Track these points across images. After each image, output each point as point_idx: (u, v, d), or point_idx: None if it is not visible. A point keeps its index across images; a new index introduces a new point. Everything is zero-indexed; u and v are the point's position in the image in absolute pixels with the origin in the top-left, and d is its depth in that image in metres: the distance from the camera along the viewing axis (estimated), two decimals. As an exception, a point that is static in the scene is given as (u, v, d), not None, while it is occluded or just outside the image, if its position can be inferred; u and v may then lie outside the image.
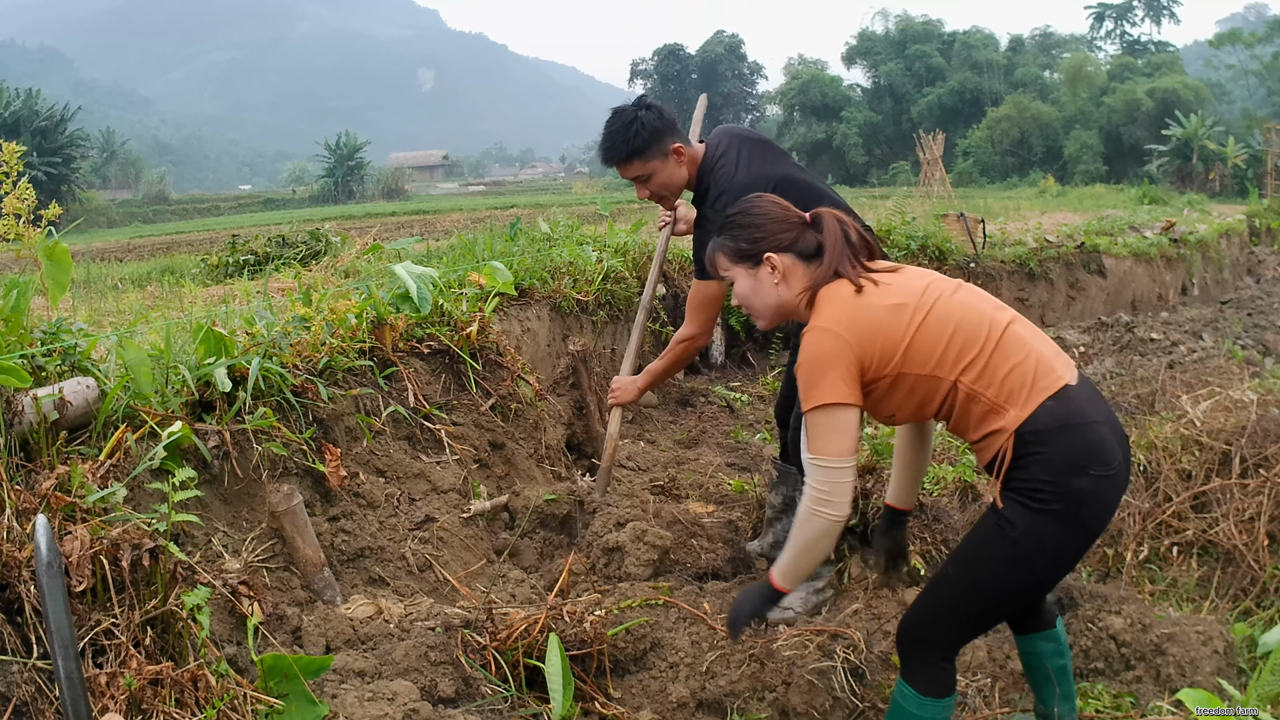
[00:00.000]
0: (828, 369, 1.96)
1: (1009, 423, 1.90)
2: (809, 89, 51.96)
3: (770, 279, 2.11)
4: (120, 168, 65.23)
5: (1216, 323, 8.68)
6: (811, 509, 1.99)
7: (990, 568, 1.95)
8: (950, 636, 2.04)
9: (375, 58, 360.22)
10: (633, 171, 3.01)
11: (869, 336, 1.96)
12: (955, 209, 11.01)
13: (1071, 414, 1.89)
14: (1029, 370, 1.93)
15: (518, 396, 3.93)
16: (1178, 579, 3.17)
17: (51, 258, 2.76)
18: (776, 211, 2.13)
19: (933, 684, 2.02)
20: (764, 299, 2.14)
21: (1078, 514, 1.87)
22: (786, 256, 2.10)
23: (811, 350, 1.98)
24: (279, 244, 8.56)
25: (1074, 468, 1.86)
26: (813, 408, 1.97)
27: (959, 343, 1.95)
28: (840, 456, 1.97)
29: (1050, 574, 1.98)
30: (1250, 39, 47.10)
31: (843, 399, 1.95)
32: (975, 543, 2.00)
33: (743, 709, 2.45)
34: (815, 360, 1.97)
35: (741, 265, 2.14)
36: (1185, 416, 3.67)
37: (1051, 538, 1.89)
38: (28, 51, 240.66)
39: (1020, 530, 1.89)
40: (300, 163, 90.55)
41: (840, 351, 1.96)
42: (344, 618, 2.50)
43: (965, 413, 1.97)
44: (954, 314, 1.98)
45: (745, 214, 2.15)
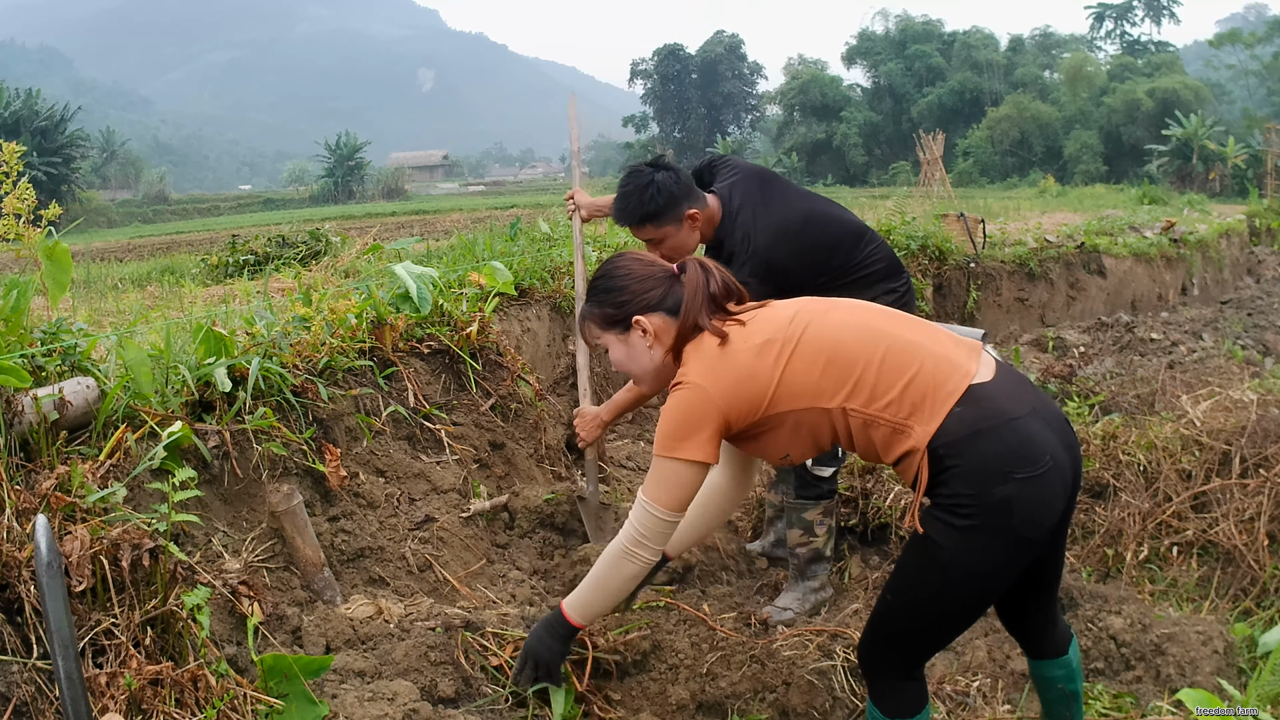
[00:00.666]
0: (689, 426, 1.88)
1: (918, 440, 1.77)
2: (809, 89, 51.96)
3: (643, 342, 2.02)
4: (120, 168, 65.25)
5: (1216, 323, 8.68)
6: (628, 549, 1.97)
7: (927, 592, 1.85)
8: (904, 658, 1.95)
9: (375, 58, 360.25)
10: (645, 234, 2.95)
11: (734, 389, 1.86)
12: (955, 209, 11.01)
13: (983, 415, 1.76)
14: (927, 379, 1.80)
15: (518, 396, 3.93)
16: (1178, 579, 3.17)
17: (51, 258, 2.76)
18: (639, 270, 2.04)
19: (900, 705, 1.95)
20: (640, 364, 2.06)
21: (1009, 523, 1.74)
22: (655, 316, 2.00)
23: (677, 406, 1.90)
24: (279, 244, 8.56)
25: (995, 475, 1.73)
26: (665, 456, 1.91)
27: (836, 368, 1.84)
28: (672, 510, 1.93)
29: (994, 585, 1.86)
30: (1250, 39, 47.09)
31: (697, 457, 1.89)
32: (908, 569, 1.90)
33: (743, 710, 2.44)
34: (679, 417, 1.89)
35: (611, 331, 2.06)
36: (1185, 416, 3.67)
37: (985, 552, 1.77)
38: (28, 51, 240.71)
39: (950, 552, 1.77)
40: (300, 163, 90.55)
41: (705, 410, 1.87)
42: (344, 618, 2.50)
43: (867, 439, 1.86)
44: (827, 337, 1.87)
45: (608, 276, 2.05)
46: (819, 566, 3.16)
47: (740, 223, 2.91)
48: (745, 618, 3.02)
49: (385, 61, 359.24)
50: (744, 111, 67.99)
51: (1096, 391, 5.13)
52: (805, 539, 3.13)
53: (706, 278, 2.00)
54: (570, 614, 2.09)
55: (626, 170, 3.01)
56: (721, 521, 2.36)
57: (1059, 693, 2.16)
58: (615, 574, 2.01)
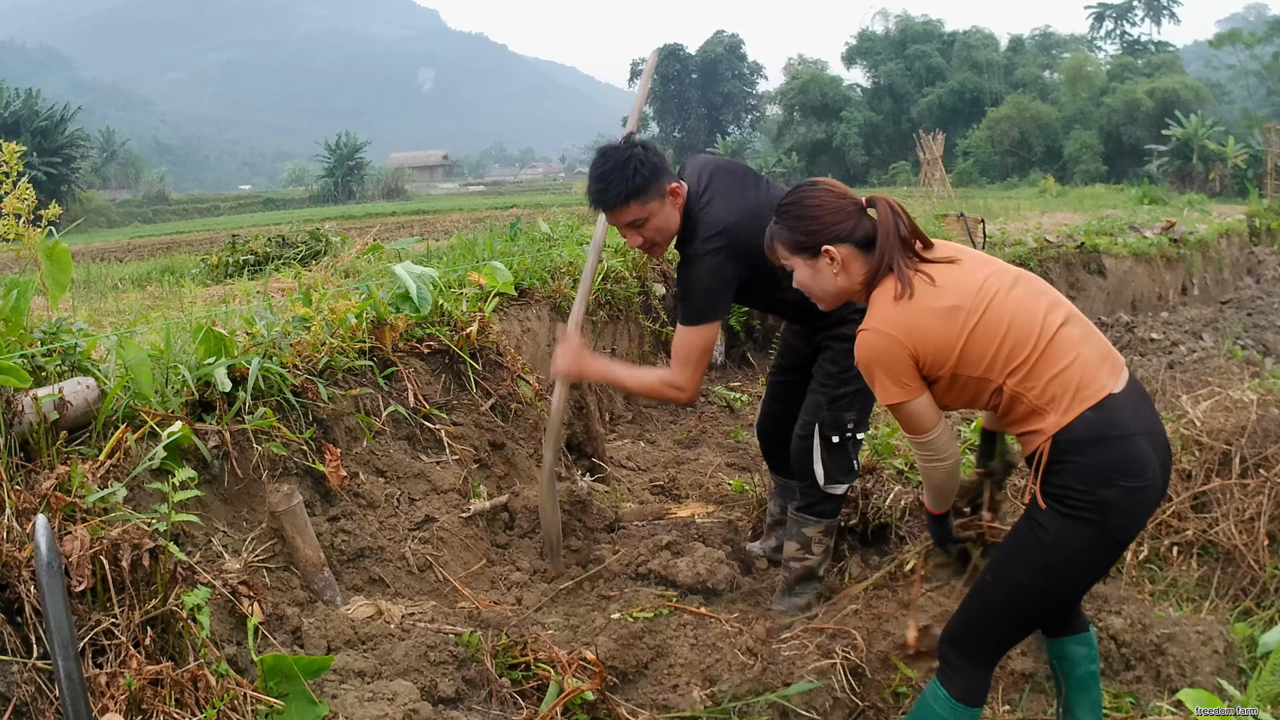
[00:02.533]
0: (885, 373, 2.02)
1: (1048, 427, 1.93)
2: (809, 89, 51.98)
3: (830, 269, 2.12)
4: (120, 168, 65.30)
5: (1216, 323, 8.68)
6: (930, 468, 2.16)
7: (1024, 572, 1.99)
8: (987, 643, 2.08)
9: (375, 58, 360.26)
10: (629, 215, 2.75)
11: (921, 342, 1.99)
12: (955, 209, 11.01)
13: (1109, 425, 1.91)
14: (1073, 377, 1.94)
15: (518, 396, 3.93)
16: (1178, 579, 3.17)
17: (51, 258, 2.76)
18: (831, 201, 2.12)
19: (968, 691, 2.06)
20: (824, 287, 2.16)
21: (1106, 523, 1.90)
22: (844, 247, 2.09)
23: (868, 353, 2.04)
24: (279, 244, 8.55)
25: (1104, 479, 1.89)
26: (895, 405, 2.07)
27: (1009, 346, 1.97)
28: (929, 432, 2.07)
29: (1080, 580, 2.05)
30: (1250, 39, 47.10)
31: (907, 396, 2.03)
32: (1010, 549, 2.04)
33: (744, 711, 2.45)
34: (873, 363, 2.04)
35: (800, 256, 2.14)
36: (1185, 416, 3.67)
37: (1081, 544, 1.93)
38: (28, 51, 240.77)
39: (1052, 535, 1.93)
40: (300, 163, 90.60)
41: (895, 352, 2.00)
42: (344, 618, 2.50)
43: (1010, 409, 2.01)
44: (1007, 315, 1.99)
45: (800, 204, 2.13)
46: (809, 585, 3.12)
47: (704, 202, 2.79)
48: (745, 618, 3.02)
49: (385, 61, 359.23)
50: (744, 111, 67.98)
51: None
52: (801, 554, 3.09)
53: (897, 220, 2.08)
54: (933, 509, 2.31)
55: (598, 152, 2.82)
56: None
57: (1085, 670, 2.26)
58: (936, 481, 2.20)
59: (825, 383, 2.93)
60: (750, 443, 5.06)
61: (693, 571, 3.17)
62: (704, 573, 3.17)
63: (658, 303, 6.12)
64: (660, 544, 3.36)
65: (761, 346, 6.98)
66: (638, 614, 2.79)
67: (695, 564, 3.21)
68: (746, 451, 4.89)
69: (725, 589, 3.19)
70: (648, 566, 3.25)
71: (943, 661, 2.12)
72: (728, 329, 6.85)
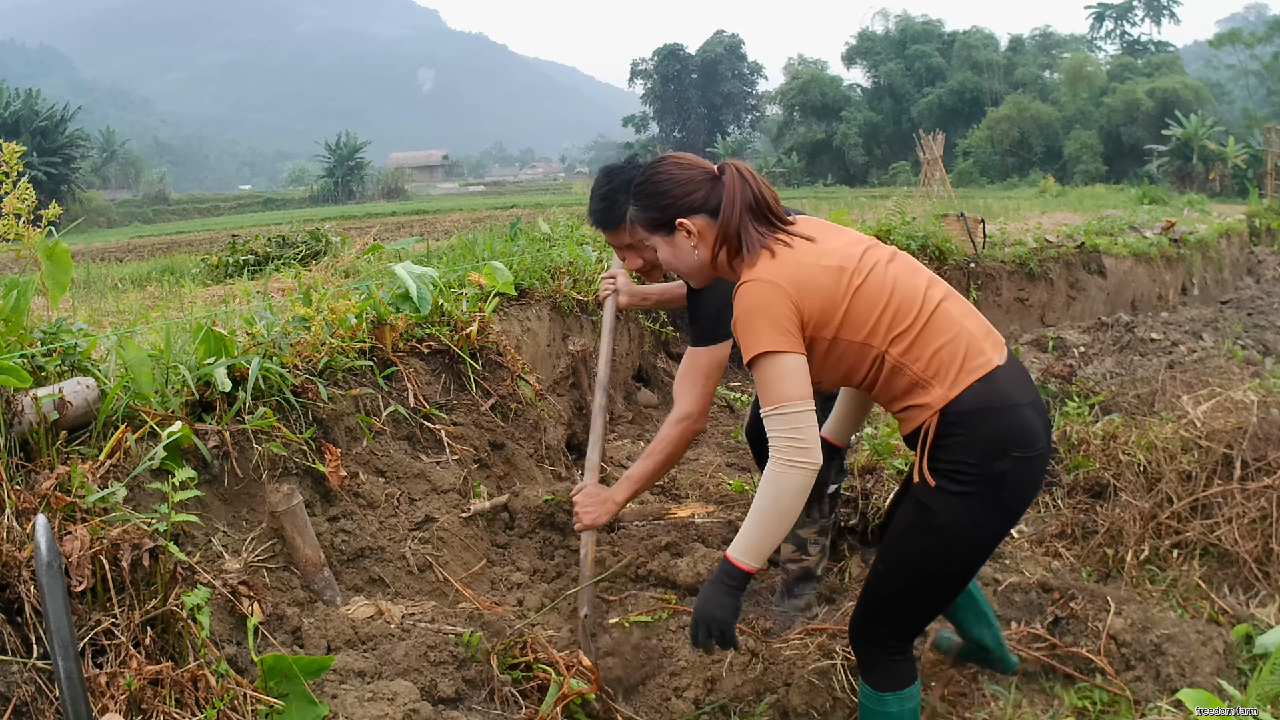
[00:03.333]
0: (765, 318, 1.88)
1: (934, 400, 1.89)
2: (809, 89, 51.99)
3: (687, 243, 2.06)
4: (120, 168, 65.29)
5: (1216, 323, 8.68)
6: (786, 462, 1.86)
7: (919, 558, 1.95)
8: (894, 631, 2.04)
9: (375, 58, 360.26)
10: (627, 237, 2.69)
11: (807, 291, 1.90)
12: (955, 209, 11.01)
13: (996, 396, 1.88)
14: (959, 349, 1.91)
15: (518, 396, 3.93)
16: (1178, 579, 3.17)
17: (51, 258, 2.76)
18: (680, 173, 2.05)
19: (889, 678, 2.03)
20: (686, 262, 2.10)
21: (999, 495, 1.89)
22: (698, 218, 2.03)
23: (748, 301, 1.91)
24: (279, 244, 8.55)
25: (997, 450, 1.86)
26: (756, 356, 1.89)
27: (892, 312, 1.92)
28: (798, 399, 1.87)
29: (976, 559, 2.01)
30: (1250, 39, 47.10)
31: (784, 347, 1.88)
32: (901, 535, 2.00)
33: (745, 711, 2.45)
34: (752, 311, 1.90)
35: (658, 233, 2.10)
36: (1186, 417, 3.67)
37: (975, 520, 1.90)
38: (28, 51, 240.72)
39: (945, 515, 1.89)
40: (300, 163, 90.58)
41: (778, 300, 1.89)
42: (344, 618, 2.50)
43: (889, 384, 1.96)
44: (889, 283, 1.94)
45: (650, 181, 2.07)
46: (807, 585, 3.12)
47: None
48: (746, 619, 3.02)
49: (385, 61, 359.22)
50: (744, 111, 67.99)
51: (1096, 391, 5.13)
52: (797, 555, 3.10)
53: (744, 185, 2.01)
54: (741, 560, 1.92)
55: (601, 171, 2.80)
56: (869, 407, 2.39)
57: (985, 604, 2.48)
58: (783, 493, 1.87)
59: None
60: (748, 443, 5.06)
61: (693, 572, 3.17)
62: (704, 573, 3.17)
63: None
64: (660, 545, 3.36)
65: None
66: (636, 619, 2.79)
67: (695, 564, 3.21)
68: (746, 451, 4.89)
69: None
70: (647, 568, 3.25)
71: (857, 656, 2.09)
72: (728, 329, 6.84)
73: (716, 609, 1.94)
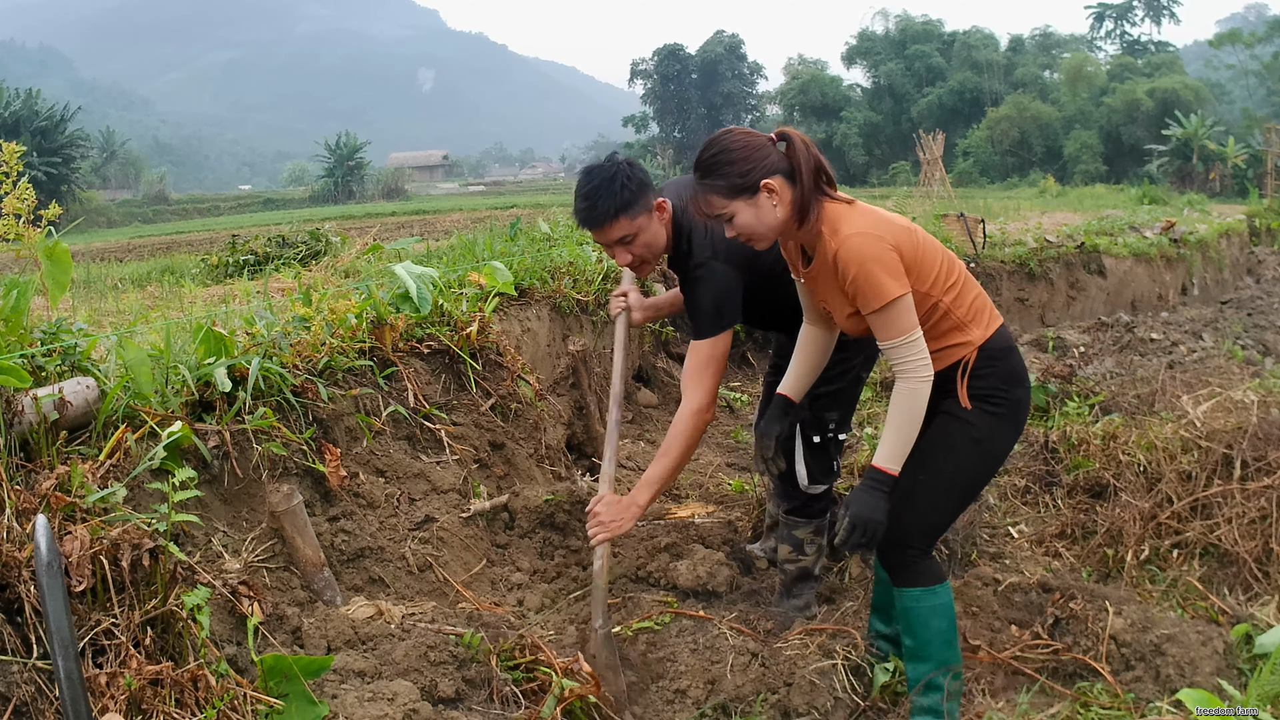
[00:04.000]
0: (882, 267, 2.15)
1: (974, 338, 2.29)
2: (809, 89, 51.95)
3: (770, 203, 2.23)
4: (120, 168, 65.27)
5: (1216, 323, 8.68)
6: (917, 378, 2.19)
7: (962, 464, 2.31)
8: (934, 530, 2.38)
9: (375, 58, 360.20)
10: (618, 231, 2.69)
11: (896, 242, 2.20)
12: (955, 209, 11.01)
13: (1010, 341, 2.36)
14: (985, 301, 2.36)
15: (518, 396, 3.93)
16: (1178, 579, 3.17)
17: (51, 258, 2.76)
18: (753, 140, 2.24)
19: (931, 573, 2.34)
20: (767, 223, 2.25)
21: (1018, 416, 2.35)
22: (777, 179, 2.22)
23: (863, 253, 2.16)
24: (279, 244, 8.55)
25: (1017, 381, 2.33)
26: (887, 305, 2.16)
27: (947, 264, 2.29)
28: (916, 328, 2.20)
29: (996, 466, 2.45)
30: (1250, 39, 47.08)
31: (902, 290, 2.17)
32: (943, 448, 2.30)
33: (745, 711, 2.45)
34: (871, 260, 2.15)
35: (740, 199, 2.23)
36: (1186, 417, 3.67)
37: (1003, 434, 2.34)
38: (28, 51, 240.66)
39: (982, 431, 2.29)
40: (300, 163, 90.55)
41: (885, 249, 2.17)
42: (344, 618, 2.50)
43: (934, 327, 2.29)
44: (935, 241, 2.33)
45: (726, 151, 2.22)
46: (806, 586, 3.12)
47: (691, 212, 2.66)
48: (746, 619, 3.02)
49: (385, 61, 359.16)
50: (744, 111, 67.91)
51: (1096, 391, 5.13)
52: (794, 556, 3.09)
53: (806, 147, 2.25)
54: (887, 466, 2.24)
55: (583, 171, 2.78)
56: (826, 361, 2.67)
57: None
58: (916, 404, 2.21)
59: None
60: (750, 443, 5.06)
61: (693, 574, 3.17)
62: (704, 575, 3.17)
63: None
64: (659, 546, 3.36)
65: (762, 346, 6.98)
66: (638, 625, 2.79)
67: (695, 567, 3.20)
68: (746, 451, 4.89)
69: (725, 590, 3.19)
70: (647, 569, 3.25)
71: (895, 568, 2.35)
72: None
73: (873, 511, 2.24)
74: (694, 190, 2.29)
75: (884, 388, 5.65)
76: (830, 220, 2.22)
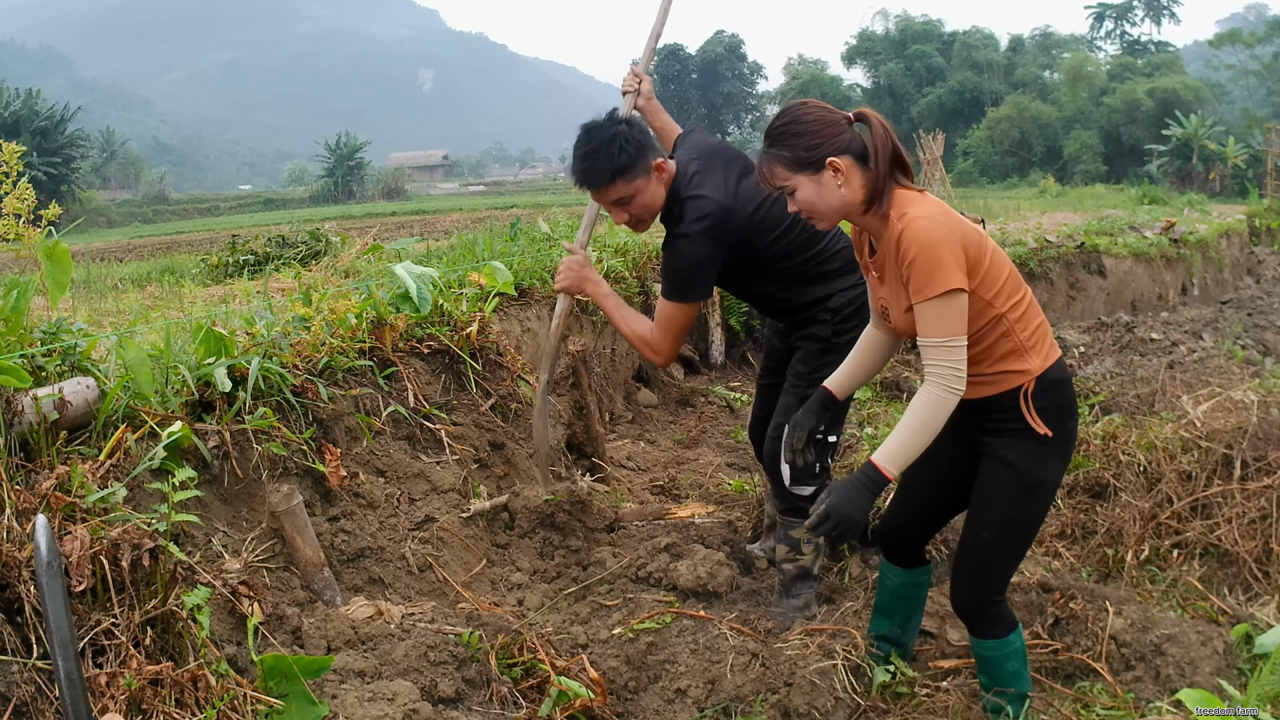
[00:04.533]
0: (949, 254, 2.02)
1: (1034, 367, 2.14)
2: (809, 89, 51.90)
3: (834, 182, 2.14)
4: (120, 168, 65.25)
5: (1216, 323, 8.68)
6: (947, 388, 2.05)
7: (1015, 514, 2.20)
8: (1000, 583, 2.30)
9: (375, 58, 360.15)
10: (615, 193, 2.75)
11: (967, 239, 2.07)
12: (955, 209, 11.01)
13: (1066, 373, 2.23)
14: (1048, 330, 2.21)
15: (518, 396, 3.93)
16: (1178, 579, 3.17)
17: (51, 258, 2.76)
18: (827, 115, 2.15)
19: (1006, 622, 2.32)
20: (829, 202, 2.17)
21: (1066, 449, 2.22)
22: (845, 159, 2.13)
23: (930, 236, 2.02)
24: (279, 244, 8.55)
25: (1070, 413, 2.21)
26: (939, 295, 2.02)
27: (1013, 281, 2.15)
28: (963, 334, 2.06)
29: (1051, 502, 2.30)
30: (1250, 39, 47.08)
31: (961, 284, 2.03)
32: (1001, 502, 2.20)
33: (746, 711, 2.45)
34: (937, 244, 2.02)
35: (804, 173, 2.15)
36: (1186, 417, 3.67)
37: (1055, 470, 2.21)
38: (28, 51, 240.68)
39: (1034, 474, 2.17)
40: (300, 163, 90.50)
41: (953, 241, 2.04)
42: (344, 618, 2.50)
43: (994, 346, 2.14)
44: (1006, 258, 2.18)
45: (797, 122, 2.15)
46: (804, 585, 3.11)
47: (693, 184, 2.77)
48: (746, 619, 3.02)
49: (385, 61, 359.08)
50: (744, 111, 67.93)
51: (1096, 391, 5.13)
52: (792, 556, 3.08)
53: (884, 130, 2.14)
54: (886, 467, 2.10)
55: (582, 129, 2.78)
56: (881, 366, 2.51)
57: (919, 600, 2.66)
58: (937, 413, 2.07)
59: (796, 383, 2.95)
60: (750, 442, 5.07)
61: (693, 575, 3.17)
62: (704, 575, 3.17)
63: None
64: (659, 546, 3.36)
65: (761, 346, 6.99)
66: (639, 626, 2.79)
67: (695, 567, 3.20)
68: (746, 451, 4.89)
69: (725, 590, 3.19)
70: (647, 570, 3.25)
71: (978, 622, 2.32)
72: (728, 329, 6.85)
73: (854, 509, 2.10)
74: (760, 158, 2.21)
75: (884, 387, 5.65)
76: (899, 204, 2.11)
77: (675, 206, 2.81)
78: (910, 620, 2.67)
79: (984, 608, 2.30)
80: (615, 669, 2.58)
